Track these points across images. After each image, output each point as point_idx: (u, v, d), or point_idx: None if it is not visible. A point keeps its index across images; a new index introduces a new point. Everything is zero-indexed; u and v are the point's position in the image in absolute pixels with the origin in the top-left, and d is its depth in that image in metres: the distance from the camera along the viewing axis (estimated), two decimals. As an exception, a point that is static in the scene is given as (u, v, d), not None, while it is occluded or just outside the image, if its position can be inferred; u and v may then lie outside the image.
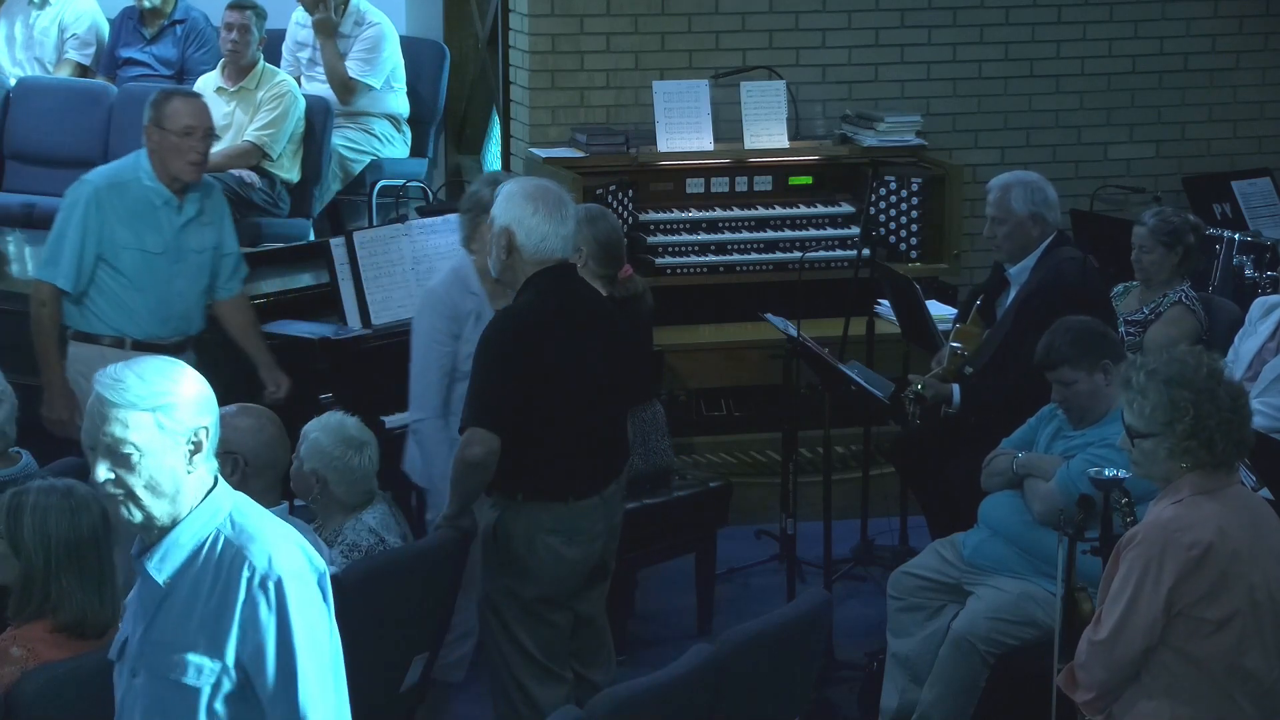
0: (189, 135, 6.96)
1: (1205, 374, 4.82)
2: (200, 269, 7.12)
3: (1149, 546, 4.79)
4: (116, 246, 6.97)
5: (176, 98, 7.12)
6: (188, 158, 6.97)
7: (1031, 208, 7.36)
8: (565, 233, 5.89)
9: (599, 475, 6.02)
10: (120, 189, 7.01)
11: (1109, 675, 4.86)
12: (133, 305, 7.00)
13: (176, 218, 7.03)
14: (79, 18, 11.32)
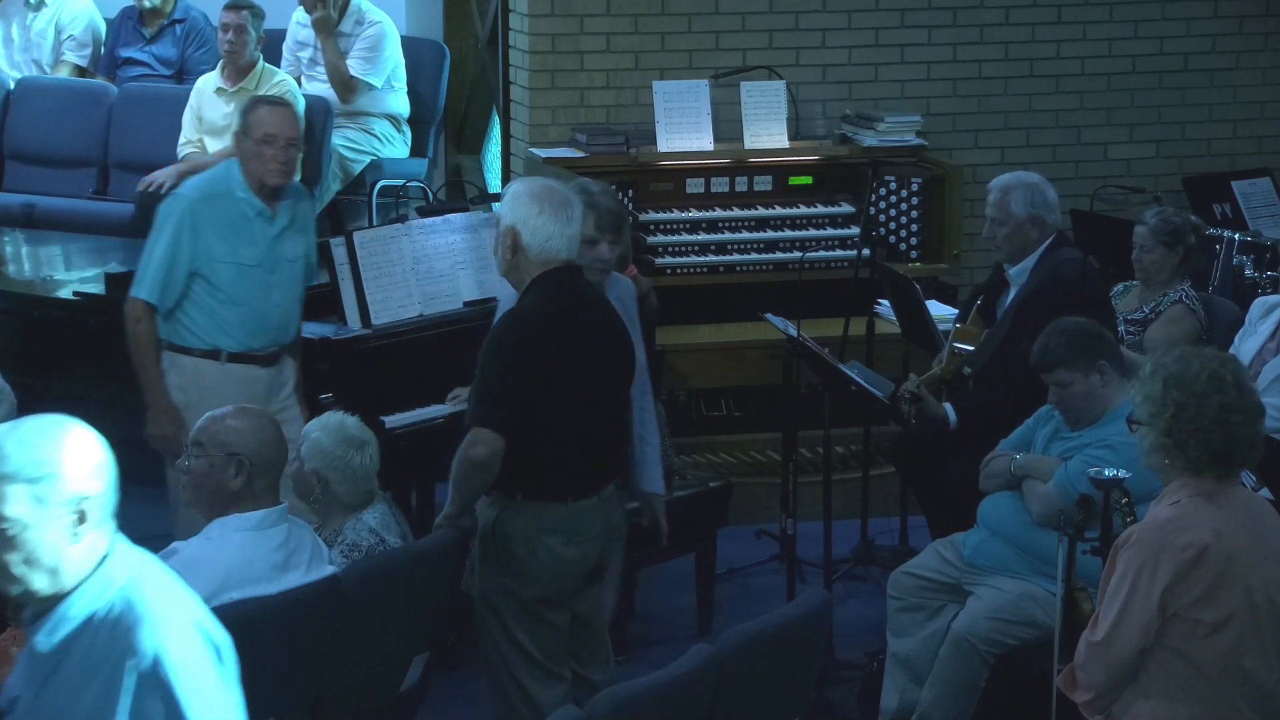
0: (269, 143, 6.80)
1: (1204, 379, 4.81)
2: (294, 277, 7.01)
3: (1144, 547, 4.79)
4: (212, 261, 6.83)
5: (262, 106, 6.97)
6: (267, 165, 6.82)
7: (1031, 209, 7.35)
8: (571, 233, 5.90)
9: (598, 476, 6.02)
10: (214, 202, 6.89)
11: (1106, 676, 4.87)
12: (227, 318, 6.87)
13: (270, 228, 6.91)
14: (75, 19, 11.31)
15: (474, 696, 6.74)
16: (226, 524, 5.40)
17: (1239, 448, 4.81)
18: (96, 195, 10.62)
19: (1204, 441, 4.79)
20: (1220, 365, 4.86)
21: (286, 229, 6.95)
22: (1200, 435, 4.78)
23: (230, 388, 6.72)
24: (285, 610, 5.37)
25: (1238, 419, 4.80)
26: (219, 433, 5.44)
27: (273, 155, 6.82)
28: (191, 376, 6.86)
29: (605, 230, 6.38)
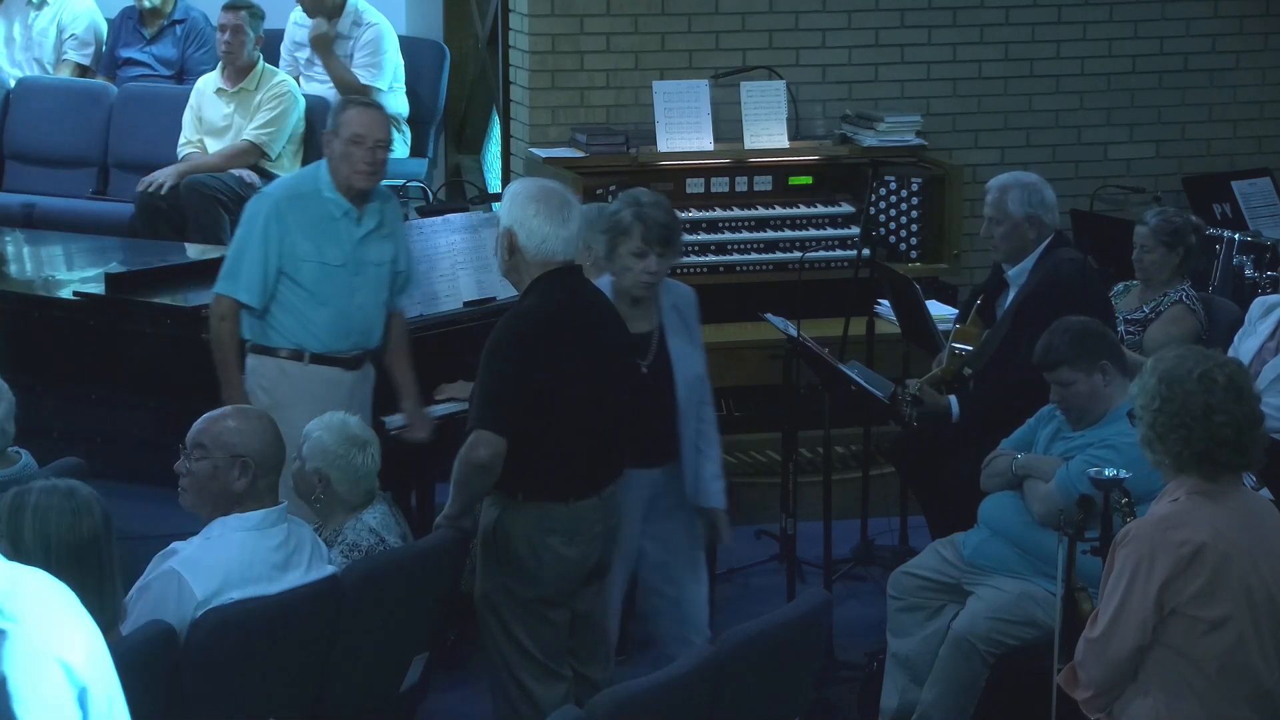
0: (357, 144, 6.72)
1: (1195, 377, 4.81)
2: (380, 281, 6.91)
3: (1140, 544, 4.80)
4: (297, 259, 6.77)
5: (352, 107, 6.87)
6: (355, 166, 6.73)
7: (1028, 209, 7.35)
8: (566, 234, 5.90)
9: (600, 476, 6.03)
10: (300, 200, 6.82)
11: (1104, 673, 4.87)
12: (312, 318, 6.79)
13: (356, 229, 6.82)
14: (76, 18, 11.31)
15: (474, 696, 6.74)
16: (227, 524, 5.39)
17: (1222, 450, 4.79)
18: (96, 195, 10.63)
19: (1183, 438, 4.78)
20: (1216, 367, 4.85)
21: (373, 232, 6.86)
22: (1180, 431, 4.78)
23: (313, 388, 6.72)
24: (285, 610, 5.37)
25: (1221, 420, 4.77)
26: (222, 434, 5.44)
27: (361, 156, 6.74)
28: (275, 377, 6.81)
29: (654, 243, 6.30)
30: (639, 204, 6.35)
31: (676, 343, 6.48)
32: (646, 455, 6.38)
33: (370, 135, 6.74)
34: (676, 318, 6.50)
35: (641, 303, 6.41)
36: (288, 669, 5.48)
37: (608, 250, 6.41)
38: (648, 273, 6.32)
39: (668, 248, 6.36)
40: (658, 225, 6.31)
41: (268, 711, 5.39)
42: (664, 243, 6.33)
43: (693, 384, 6.49)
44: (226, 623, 5.21)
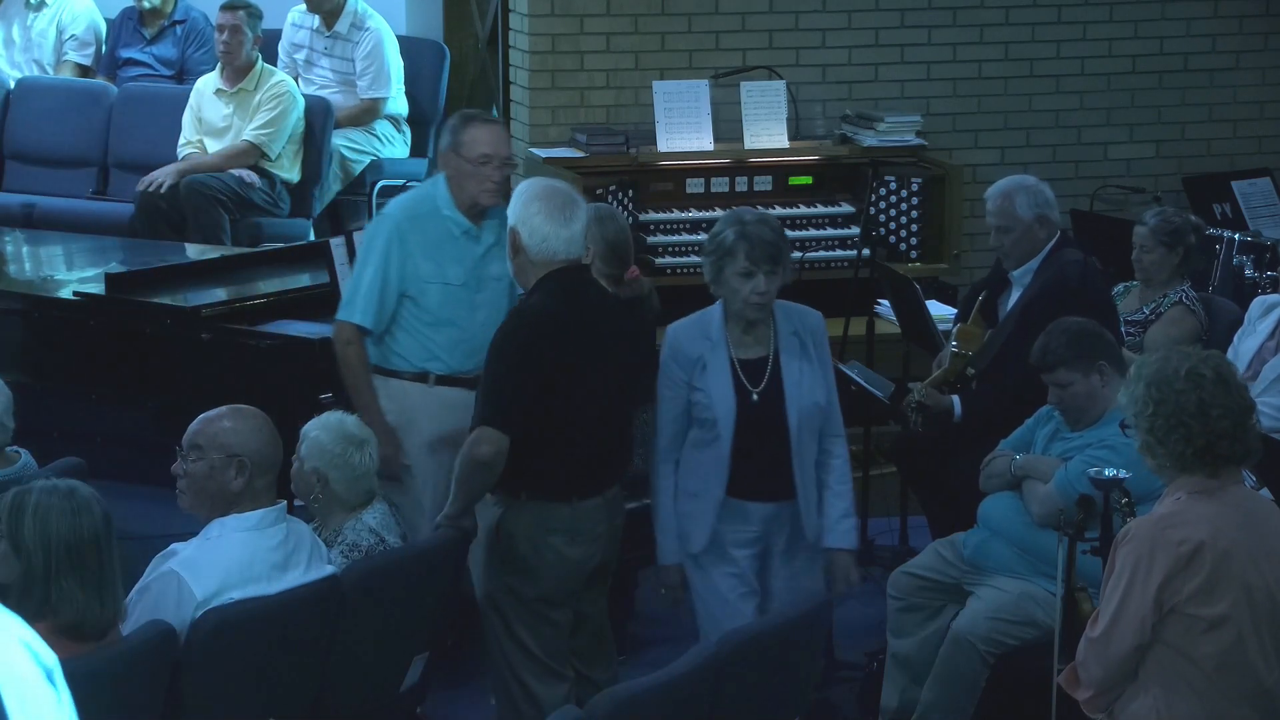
0: (485, 164, 6.54)
1: (1183, 375, 4.82)
2: (500, 297, 6.68)
3: (1139, 543, 4.80)
4: (420, 281, 6.57)
5: (474, 125, 6.65)
6: (484, 185, 6.55)
7: (1036, 210, 7.34)
8: (569, 234, 5.91)
9: (603, 476, 6.03)
10: (420, 221, 6.61)
11: (1105, 672, 4.87)
12: (436, 340, 6.61)
13: (476, 247, 6.63)
14: (76, 18, 11.32)
15: (474, 696, 6.74)
16: (225, 524, 5.40)
17: (1223, 443, 4.81)
18: (96, 195, 10.64)
19: (1184, 437, 4.79)
20: (1201, 362, 4.87)
21: (492, 247, 6.64)
22: (1180, 430, 4.79)
23: (436, 410, 6.57)
24: (285, 610, 5.37)
25: (1218, 413, 4.79)
26: (218, 435, 5.44)
27: (489, 175, 6.57)
28: (399, 399, 6.63)
29: (760, 262, 6.02)
30: (742, 222, 6.10)
31: (792, 370, 6.11)
32: (758, 489, 6.11)
33: (498, 153, 6.57)
34: (795, 343, 6.14)
35: (755, 327, 6.12)
36: (288, 669, 5.48)
37: (713, 273, 6.14)
38: (756, 293, 6.02)
39: (776, 265, 6.05)
40: (763, 243, 6.03)
41: (268, 711, 5.40)
42: (772, 260, 6.03)
43: (809, 415, 6.11)
44: (226, 623, 5.21)
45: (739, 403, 6.06)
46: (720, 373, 6.07)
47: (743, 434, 6.04)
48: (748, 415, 6.05)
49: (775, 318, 6.13)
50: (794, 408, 6.09)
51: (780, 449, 6.08)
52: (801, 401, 6.09)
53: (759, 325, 6.12)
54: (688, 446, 6.17)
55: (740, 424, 6.04)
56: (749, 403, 6.06)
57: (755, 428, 6.05)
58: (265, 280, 8.09)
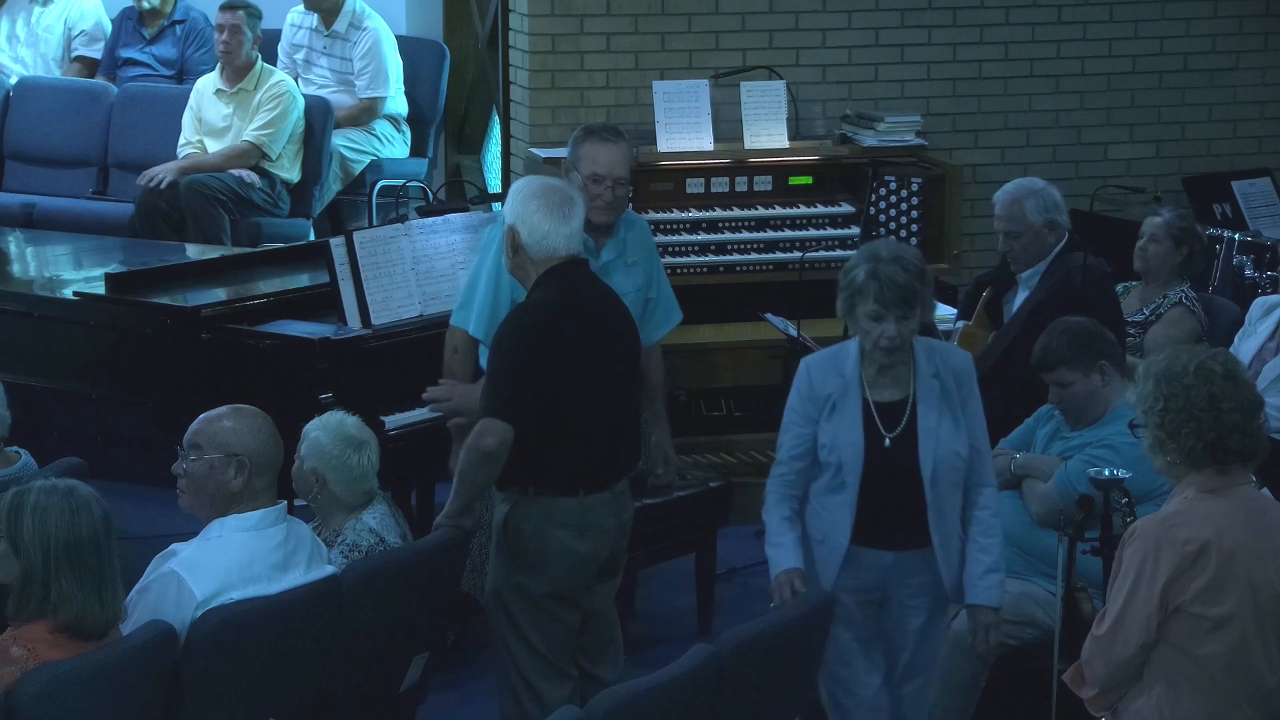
0: (596, 182, 6.49)
1: (1192, 370, 4.83)
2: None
3: (1145, 541, 4.81)
4: None
5: (589, 141, 6.56)
6: (593, 203, 6.43)
7: (1046, 215, 7.34)
8: (567, 231, 5.92)
9: (610, 470, 6.04)
10: None
11: (1109, 671, 4.87)
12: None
13: (594, 262, 6.46)
14: (84, 14, 11.35)
15: (474, 696, 6.75)
16: (225, 524, 5.40)
17: (1233, 437, 4.81)
18: (96, 195, 10.65)
19: (1195, 431, 4.79)
20: (1210, 358, 4.88)
21: (614, 262, 6.59)
22: (1191, 425, 4.79)
23: None
24: (285, 610, 5.37)
25: (1228, 406, 4.80)
26: (217, 434, 5.44)
27: (599, 194, 6.50)
28: None
29: (890, 305, 5.62)
30: (877, 259, 5.67)
31: (929, 415, 5.74)
32: (886, 538, 5.79)
33: (610, 174, 6.51)
34: (935, 387, 5.75)
35: (891, 368, 5.76)
36: (288, 669, 5.48)
37: (845, 309, 5.76)
38: (886, 338, 5.65)
39: (909, 309, 5.65)
40: (895, 286, 5.62)
41: (268, 712, 5.40)
42: (904, 304, 5.64)
43: (947, 464, 5.74)
44: (226, 623, 5.22)
45: (869, 448, 5.74)
46: (850, 416, 5.75)
47: (873, 481, 5.74)
48: (878, 462, 5.74)
49: (916, 357, 5.76)
50: (928, 456, 5.73)
51: (914, 499, 5.75)
52: (939, 450, 5.73)
53: (894, 367, 5.75)
54: (817, 492, 5.87)
55: (869, 471, 5.73)
56: (880, 449, 5.74)
57: (887, 475, 5.74)
58: (265, 280, 8.09)
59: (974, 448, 5.81)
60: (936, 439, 5.73)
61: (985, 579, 5.83)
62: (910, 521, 5.76)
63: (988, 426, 6.90)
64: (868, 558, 5.81)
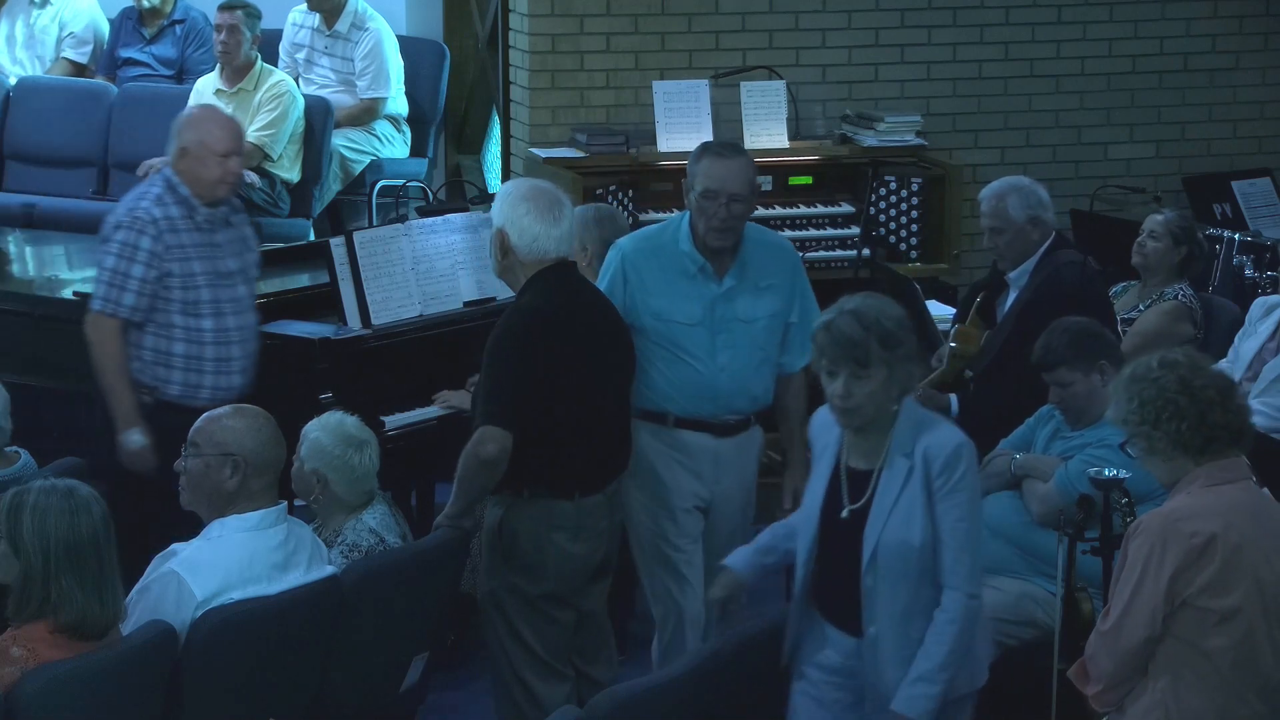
0: (709, 199, 6.16)
1: (1156, 365, 4.87)
2: (752, 341, 6.29)
3: (1151, 535, 4.81)
4: (651, 316, 6.25)
5: (706, 157, 6.24)
6: (709, 223, 6.17)
7: (1029, 212, 7.35)
8: (558, 233, 5.92)
9: (605, 472, 6.04)
10: (650, 254, 6.29)
11: (1115, 665, 4.87)
12: (672, 379, 6.26)
13: (715, 286, 6.24)
14: (77, 16, 11.33)
15: (474, 696, 6.75)
16: (226, 524, 5.40)
17: (1214, 412, 4.82)
18: (96, 195, 10.64)
19: (1175, 414, 4.81)
20: (1168, 352, 4.93)
21: (739, 286, 6.28)
22: (1169, 409, 4.81)
23: (678, 454, 6.33)
24: (285, 610, 5.38)
25: (1200, 384, 4.83)
26: (215, 433, 5.44)
27: (714, 212, 6.17)
28: (643, 438, 6.31)
29: (840, 362, 5.11)
30: (839, 309, 5.16)
31: (886, 493, 5.15)
32: (830, 614, 5.29)
33: (724, 190, 6.16)
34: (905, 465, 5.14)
35: (865, 434, 5.19)
36: (288, 669, 5.48)
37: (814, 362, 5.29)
38: (837, 397, 5.13)
39: (863, 368, 5.08)
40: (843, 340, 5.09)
41: (268, 711, 5.40)
42: (856, 363, 5.08)
43: (894, 551, 5.12)
44: (226, 623, 5.22)
45: (824, 517, 5.24)
46: (820, 477, 5.28)
47: (824, 553, 5.25)
48: (831, 534, 5.22)
49: (896, 428, 5.17)
50: (871, 538, 5.13)
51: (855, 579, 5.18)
52: (885, 534, 5.12)
53: (868, 432, 5.18)
54: None
55: (823, 541, 5.23)
56: (836, 519, 5.21)
57: (837, 549, 5.21)
58: (265, 280, 8.08)
59: (944, 543, 5.11)
60: (885, 522, 5.13)
61: (914, 687, 5.10)
62: (850, 603, 5.20)
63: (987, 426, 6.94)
64: (833, 636, 5.28)
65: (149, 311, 6.73)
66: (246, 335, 6.88)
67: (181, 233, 6.73)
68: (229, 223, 6.89)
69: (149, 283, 6.69)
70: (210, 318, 6.77)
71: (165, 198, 6.75)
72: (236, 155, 6.80)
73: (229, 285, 6.84)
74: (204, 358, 6.75)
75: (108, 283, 6.73)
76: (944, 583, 5.13)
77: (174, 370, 6.75)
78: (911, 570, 5.12)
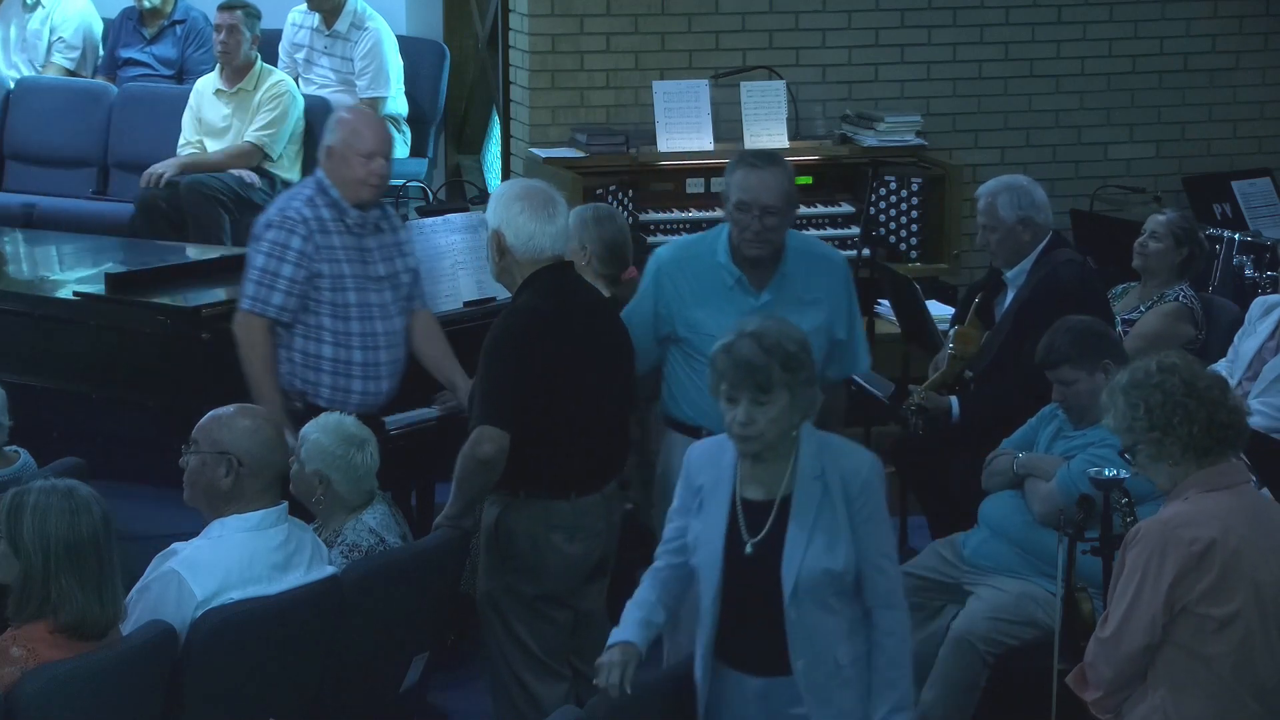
0: (742, 211, 6.04)
1: (1155, 369, 4.87)
2: None
3: (1150, 542, 4.81)
4: (689, 328, 6.13)
5: (739, 169, 6.10)
6: (742, 235, 6.05)
7: (1019, 212, 7.36)
8: (552, 231, 5.92)
9: (601, 472, 6.03)
10: (687, 264, 6.19)
11: (1114, 673, 4.87)
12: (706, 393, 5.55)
13: (752, 300, 6.09)
14: (66, 20, 11.31)
15: (474, 696, 6.74)
16: (226, 524, 5.40)
17: (1220, 413, 4.84)
18: (96, 195, 10.64)
19: (1187, 417, 4.82)
20: (1163, 356, 4.93)
21: (776, 301, 6.10)
22: (1180, 413, 4.82)
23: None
24: (285, 610, 5.37)
25: (1204, 384, 4.85)
26: (213, 430, 5.44)
27: (746, 224, 6.05)
28: (674, 451, 6.11)
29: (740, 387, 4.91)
30: (739, 332, 4.97)
31: (801, 522, 4.94)
32: (745, 661, 5.03)
33: (756, 202, 6.02)
34: (818, 490, 4.95)
35: (764, 462, 4.98)
36: (288, 669, 5.48)
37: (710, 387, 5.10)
38: (738, 424, 4.92)
39: (764, 393, 4.89)
40: (743, 365, 4.90)
41: (268, 711, 5.40)
42: (757, 388, 4.89)
43: (814, 581, 4.92)
44: (226, 623, 5.22)
45: (728, 554, 4.98)
46: (715, 515, 5.01)
47: (731, 593, 4.97)
48: (737, 571, 4.96)
49: (799, 453, 4.98)
50: (791, 569, 4.92)
51: (772, 617, 4.94)
52: (805, 564, 4.92)
53: (770, 460, 4.98)
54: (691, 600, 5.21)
55: (728, 580, 4.97)
56: (740, 556, 4.96)
57: (747, 587, 4.96)
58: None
59: (874, 565, 4.95)
60: (805, 550, 4.91)
61: (896, 716, 4.98)
62: (769, 645, 4.96)
63: (986, 425, 6.94)
64: (730, 682, 5.03)
65: (297, 312, 6.62)
66: (394, 341, 6.77)
67: (332, 234, 6.64)
68: (379, 228, 6.77)
69: (298, 282, 6.55)
70: (358, 320, 6.67)
71: (316, 199, 6.66)
72: (381, 157, 6.68)
73: (377, 290, 6.72)
74: (352, 362, 6.67)
75: (256, 281, 6.58)
76: (879, 603, 4.97)
77: (323, 374, 6.65)
78: (834, 596, 4.94)
